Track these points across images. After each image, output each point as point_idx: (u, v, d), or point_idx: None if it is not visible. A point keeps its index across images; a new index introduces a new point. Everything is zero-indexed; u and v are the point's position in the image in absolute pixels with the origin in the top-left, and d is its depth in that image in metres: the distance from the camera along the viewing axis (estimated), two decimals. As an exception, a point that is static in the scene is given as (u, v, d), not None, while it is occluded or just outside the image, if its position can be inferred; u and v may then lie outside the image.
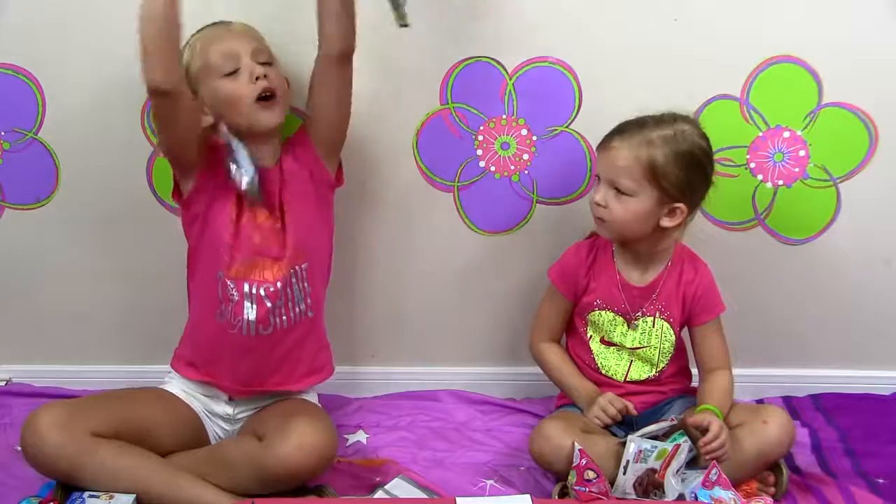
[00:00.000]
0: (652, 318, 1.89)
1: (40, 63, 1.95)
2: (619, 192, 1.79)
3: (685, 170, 1.78)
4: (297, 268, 1.83)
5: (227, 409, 1.89)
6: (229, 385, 1.87)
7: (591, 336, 1.92)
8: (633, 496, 1.76)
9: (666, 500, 1.73)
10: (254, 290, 1.80)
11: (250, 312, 1.81)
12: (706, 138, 1.82)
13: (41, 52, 1.94)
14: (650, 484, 1.75)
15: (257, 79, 1.76)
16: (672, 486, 1.73)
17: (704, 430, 1.75)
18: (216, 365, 1.86)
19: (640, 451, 1.75)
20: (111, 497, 1.69)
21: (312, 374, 1.91)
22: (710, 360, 1.90)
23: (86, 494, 1.70)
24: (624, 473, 1.75)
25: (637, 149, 1.77)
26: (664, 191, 1.78)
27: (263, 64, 1.78)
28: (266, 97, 1.77)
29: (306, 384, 1.91)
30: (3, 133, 2.00)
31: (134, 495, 1.70)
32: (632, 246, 1.88)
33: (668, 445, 1.76)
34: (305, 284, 1.85)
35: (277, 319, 1.83)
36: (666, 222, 1.81)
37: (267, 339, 1.83)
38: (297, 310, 1.85)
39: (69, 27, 1.92)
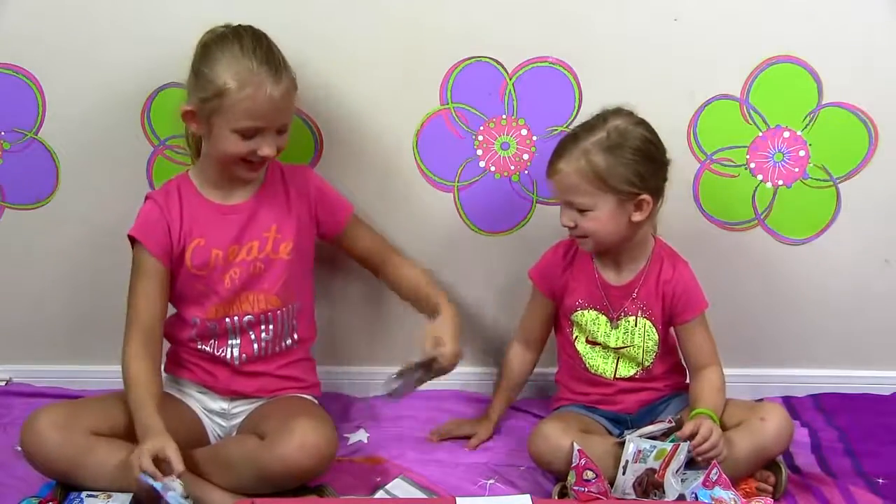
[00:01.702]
0: (634, 318, 1.89)
1: (40, 63, 1.95)
2: (579, 210, 1.79)
3: (631, 163, 1.77)
4: (289, 306, 1.87)
5: (223, 405, 1.89)
6: (224, 389, 1.89)
7: (576, 336, 1.93)
8: (633, 496, 1.76)
9: (666, 500, 1.73)
10: (236, 322, 1.85)
11: (234, 345, 1.86)
12: (644, 123, 1.80)
13: (41, 52, 1.94)
14: (650, 484, 1.75)
15: (261, 155, 1.76)
16: (672, 485, 1.73)
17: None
18: (208, 374, 1.89)
19: (639, 451, 1.75)
20: (109, 497, 1.69)
21: (302, 390, 1.93)
22: (697, 358, 1.90)
23: (84, 494, 1.70)
24: (623, 473, 1.75)
25: (577, 163, 1.76)
26: (620, 192, 1.77)
27: (281, 132, 1.77)
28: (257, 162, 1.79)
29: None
30: (3, 133, 2.00)
31: (131, 494, 1.70)
32: (615, 248, 1.87)
33: (666, 445, 1.75)
34: (295, 322, 1.89)
35: (263, 351, 1.88)
36: (637, 217, 1.80)
37: (249, 365, 1.88)
38: (284, 344, 1.89)
39: (69, 27, 1.92)
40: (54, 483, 1.75)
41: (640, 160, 1.77)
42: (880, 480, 1.88)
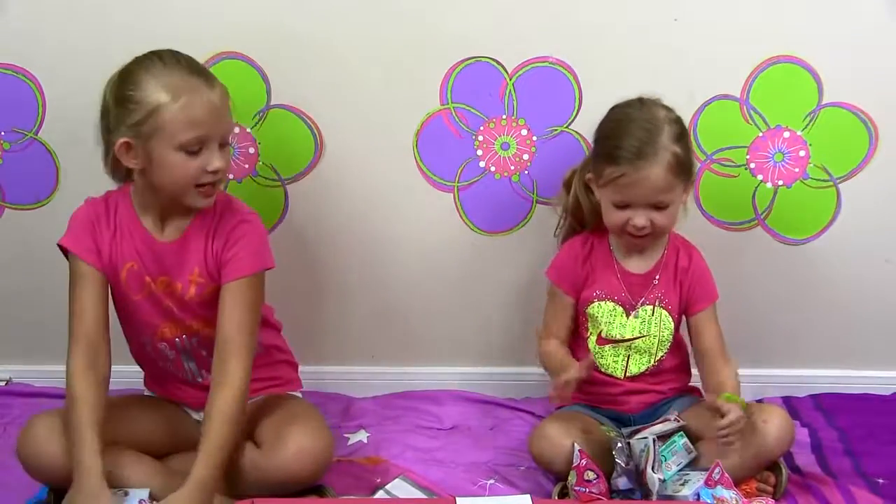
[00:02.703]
0: (651, 307, 1.89)
1: (40, 63, 1.95)
2: (658, 207, 1.79)
3: (689, 147, 1.81)
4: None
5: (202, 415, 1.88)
6: (197, 404, 1.86)
7: (589, 333, 1.92)
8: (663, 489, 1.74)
9: (656, 496, 1.72)
10: (186, 344, 1.81)
11: (189, 363, 1.83)
12: (666, 105, 1.83)
13: (41, 52, 1.94)
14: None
15: (213, 171, 1.66)
16: (654, 482, 1.71)
17: (722, 416, 1.72)
18: (177, 391, 1.88)
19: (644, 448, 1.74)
20: (126, 493, 1.68)
21: (280, 387, 1.91)
22: (711, 352, 1.88)
23: None
24: (653, 469, 1.72)
25: (663, 161, 1.75)
26: (689, 177, 1.81)
27: (223, 146, 1.68)
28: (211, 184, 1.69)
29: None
30: (3, 133, 2.00)
31: (148, 489, 1.70)
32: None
33: (678, 439, 1.75)
34: None
35: None
36: (685, 199, 1.84)
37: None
38: None
39: (69, 27, 1.92)
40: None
41: (689, 140, 1.81)
42: (880, 480, 1.88)
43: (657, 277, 1.89)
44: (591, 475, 1.71)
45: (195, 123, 1.63)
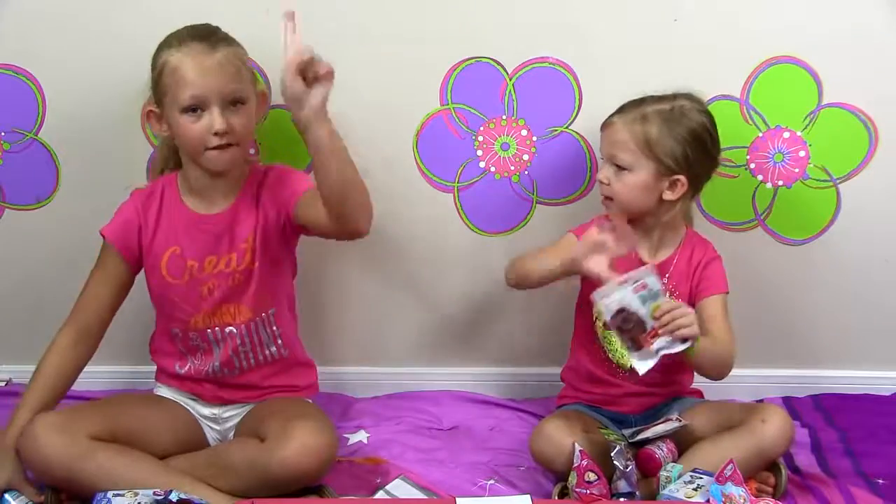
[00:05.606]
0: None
1: (40, 63, 1.95)
2: (618, 167, 1.82)
3: (682, 142, 1.80)
4: (263, 314, 1.84)
5: (214, 410, 1.89)
6: (212, 397, 1.88)
7: (595, 318, 1.90)
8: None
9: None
10: (217, 335, 1.83)
11: (216, 360, 1.84)
12: (709, 115, 1.84)
13: (41, 52, 1.94)
14: (636, 326, 1.74)
15: (216, 133, 1.71)
16: (656, 347, 1.71)
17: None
18: (196, 385, 1.89)
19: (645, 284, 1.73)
20: (136, 494, 1.68)
21: (294, 393, 1.92)
22: (718, 334, 1.83)
23: (111, 493, 1.67)
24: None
25: (632, 123, 1.81)
26: (661, 163, 1.80)
27: (235, 103, 1.72)
28: (221, 146, 1.73)
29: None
30: (3, 133, 2.00)
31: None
32: (639, 221, 1.87)
33: (663, 299, 1.73)
34: (275, 328, 1.86)
35: (244, 362, 1.86)
36: (668, 195, 1.83)
37: (233, 378, 1.87)
38: (267, 352, 1.87)
39: (69, 27, 1.92)
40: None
41: (690, 142, 1.81)
42: (880, 480, 1.88)
43: (670, 270, 1.88)
44: (592, 476, 1.71)
45: (187, 83, 1.70)
